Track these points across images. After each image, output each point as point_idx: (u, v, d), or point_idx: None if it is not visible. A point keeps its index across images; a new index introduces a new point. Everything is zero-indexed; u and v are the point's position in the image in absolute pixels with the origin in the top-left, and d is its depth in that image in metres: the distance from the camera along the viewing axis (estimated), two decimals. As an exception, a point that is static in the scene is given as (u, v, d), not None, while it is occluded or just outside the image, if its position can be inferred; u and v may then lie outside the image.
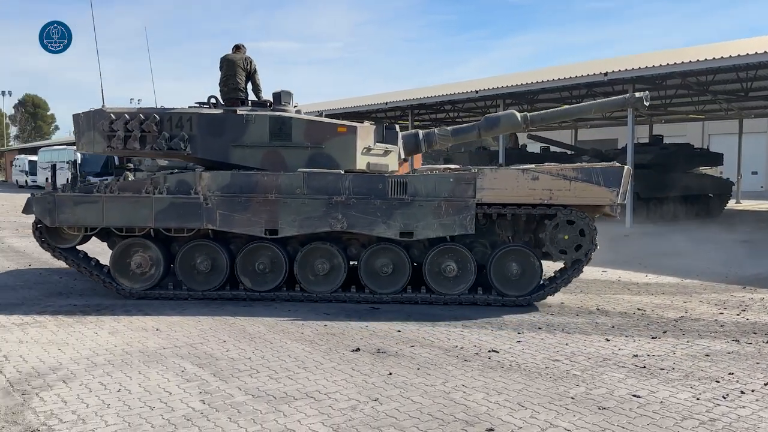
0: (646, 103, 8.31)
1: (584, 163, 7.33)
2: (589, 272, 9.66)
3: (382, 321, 6.56)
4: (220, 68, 8.24)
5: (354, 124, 7.96)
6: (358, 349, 5.48)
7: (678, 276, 9.40)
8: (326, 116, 23.97)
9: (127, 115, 7.56)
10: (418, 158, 33.25)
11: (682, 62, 14.50)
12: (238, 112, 7.64)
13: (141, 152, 7.79)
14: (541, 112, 8.87)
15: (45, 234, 7.57)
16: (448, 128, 8.95)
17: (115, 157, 14.32)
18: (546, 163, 7.44)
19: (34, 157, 40.04)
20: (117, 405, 4.20)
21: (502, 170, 7.22)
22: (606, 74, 15.78)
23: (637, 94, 8.31)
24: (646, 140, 22.27)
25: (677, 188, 18.26)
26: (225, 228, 7.30)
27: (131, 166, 11.24)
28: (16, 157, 44.93)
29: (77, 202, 7.31)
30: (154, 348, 5.52)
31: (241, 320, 6.54)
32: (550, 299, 7.55)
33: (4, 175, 56.03)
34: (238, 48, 8.40)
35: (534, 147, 24.32)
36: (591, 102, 9.43)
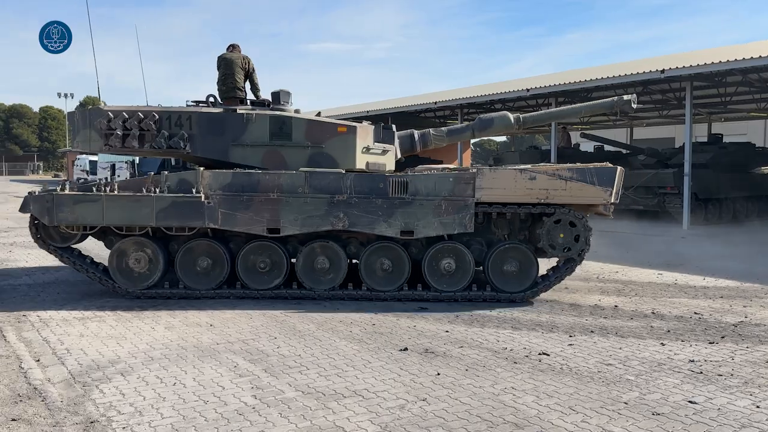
0: (634, 106, 8.54)
1: (579, 164, 7.57)
2: (645, 275, 9.42)
3: (429, 321, 6.55)
4: (218, 67, 8.22)
5: (353, 123, 8.05)
6: (406, 349, 5.49)
7: (737, 279, 9.06)
8: (373, 117, 24.10)
9: (125, 114, 7.53)
10: (467, 157, 33.08)
11: (743, 58, 13.94)
12: (239, 112, 7.65)
13: (139, 151, 7.75)
14: (534, 113, 9.00)
15: (41, 232, 7.50)
16: (443, 128, 9.06)
17: (172, 158, 14.51)
18: (542, 164, 7.74)
19: (94, 157, 41.47)
20: (172, 398, 4.33)
21: (500, 170, 7.38)
22: (663, 71, 15.32)
23: (625, 97, 8.49)
24: (705, 139, 21.52)
25: (738, 189, 17.58)
26: (227, 227, 7.28)
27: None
28: (78, 156, 46.61)
29: (77, 200, 7.19)
30: (208, 343, 5.66)
31: (291, 318, 6.63)
32: (603, 301, 7.39)
33: (66, 174, 58.20)
34: (233, 47, 8.40)
35: (587, 146, 23.82)
36: (581, 104, 9.50)
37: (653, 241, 7.12)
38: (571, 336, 6.03)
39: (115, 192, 7.24)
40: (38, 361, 5.10)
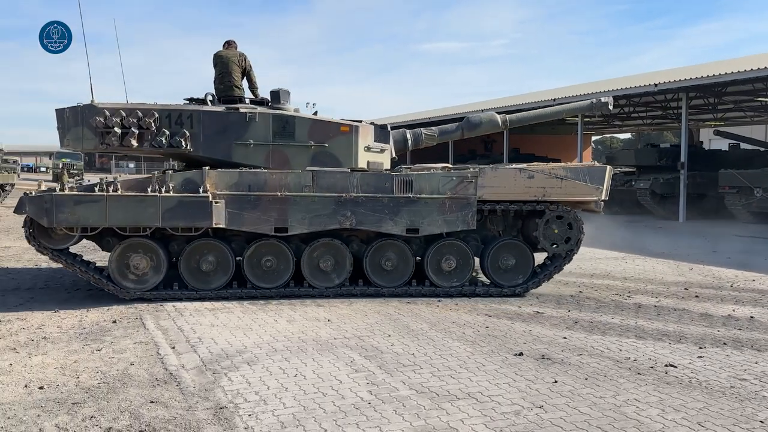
0: (611, 107, 8.98)
1: (570, 163, 8.04)
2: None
3: (546, 327, 6.39)
4: (214, 65, 8.09)
5: (355, 123, 7.98)
6: (521, 354, 5.40)
7: None
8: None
9: (123, 111, 7.27)
10: (587, 154, 31.84)
11: None
12: (241, 110, 7.57)
13: (138, 150, 7.49)
14: (519, 114, 9.37)
15: (36, 234, 7.18)
16: (434, 128, 9.16)
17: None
18: (535, 163, 8.18)
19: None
20: (293, 389, 4.53)
21: (500, 169, 7.77)
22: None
23: (603, 99, 8.94)
24: None
25: None
26: (234, 226, 7.24)
27: None
28: None
29: (78, 201, 6.92)
30: (326, 338, 5.86)
31: (405, 316, 6.72)
32: (737, 311, 6.87)
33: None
34: (229, 44, 8.22)
35: (721, 144, 22.16)
36: (561, 106, 9.76)
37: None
38: (701, 348, 5.66)
39: (119, 192, 7.04)
40: (173, 348, 5.52)
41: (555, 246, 7.86)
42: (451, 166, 8.18)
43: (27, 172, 54.73)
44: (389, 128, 8.60)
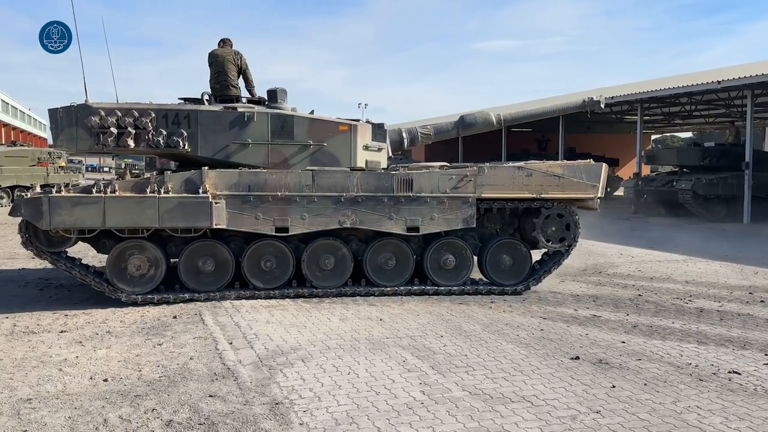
0: (603, 106, 9.14)
1: (567, 161, 8.16)
2: None
3: (603, 330, 6.25)
4: (210, 65, 8.00)
5: (353, 122, 7.90)
6: (577, 358, 5.29)
7: None
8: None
9: (119, 111, 7.18)
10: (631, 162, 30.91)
11: None
12: (239, 110, 7.48)
13: (134, 150, 7.38)
14: (513, 112, 9.41)
15: (33, 236, 7.10)
16: (430, 126, 9.16)
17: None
18: (531, 161, 8.32)
19: None
20: (347, 387, 4.57)
21: (499, 167, 7.87)
22: None
23: (595, 97, 9.02)
24: None
25: None
26: (234, 227, 7.19)
27: None
28: None
29: (75, 203, 6.81)
30: (379, 337, 5.89)
31: (457, 317, 6.68)
32: None
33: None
34: (224, 42, 8.13)
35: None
36: (554, 104, 9.75)
37: None
38: (767, 354, 5.43)
39: (117, 193, 6.95)
40: (231, 343, 5.65)
41: (552, 243, 7.96)
42: (449, 164, 8.18)
43: (91, 172, 56.88)
44: (386, 127, 8.61)
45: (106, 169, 61.94)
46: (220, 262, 7.38)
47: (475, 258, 8.08)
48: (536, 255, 8.37)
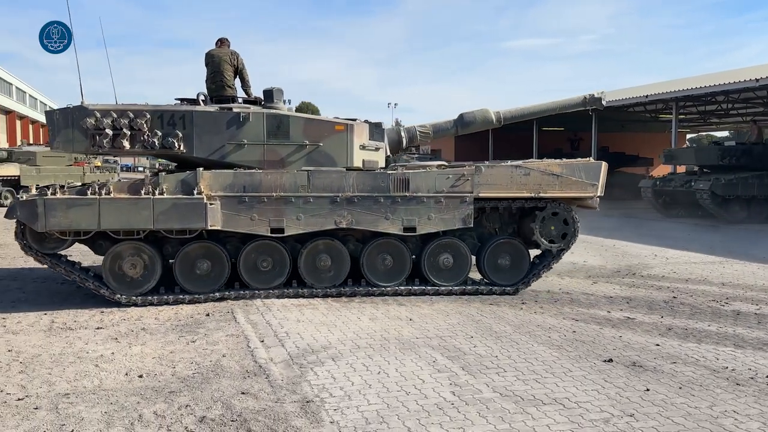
0: (604, 103, 9.01)
1: (566, 160, 8.06)
2: None
3: (637, 333, 6.15)
4: (206, 65, 7.97)
5: (350, 121, 7.82)
6: (610, 360, 5.22)
7: None
8: (575, 112, 23.04)
9: (114, 113, 7.17)
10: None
11: None
12: (234, 110, 7.43)
13: (129, 151, 7.39)
14: (512, 109, 9.18)
15: (29, 239, 7.07)
16: (428, 125, 9.05)
17: None
18: (530, 160, 8.23)
19: None
20: (377, 386, 4.58)
21: (497, 167, 7.76)
22: None
23: (596, 94, 8.92)
24: None
25: None
26: (229, 228, 7.17)
27: None
28: None
29: (70, 205, 6.79)
30: (408, 337, 5.89)
31: (487, 318, 6.65)
32: None
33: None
34: (222, 42, 8.07)
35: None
36: (553, 101, 9.51)
37: None
38: (808, 361, 5.29)
39: (111, 195, 6.92)
40: (262, 341, 5.70)
41: (551, 243, 7.92)
42: (446, 163, 8.14)
43: (126, 171, 57.98)
44: (384, 126, 8.56)
45: (140, 168, 63.11)
46: (216, 263, 7.35)
47: (474, 258, 8.03)
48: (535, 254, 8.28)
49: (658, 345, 5.70)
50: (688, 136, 42.39)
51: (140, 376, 4.80)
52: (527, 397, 4.39)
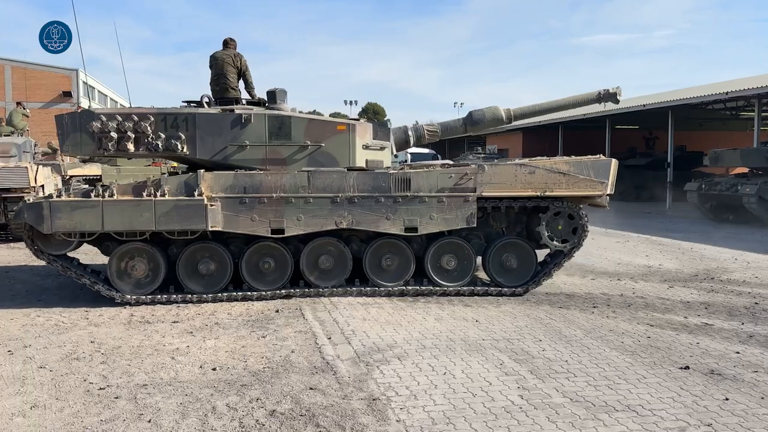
0: (619, 98, 8.65)
1: (574, 157, 7.79)
2: None
3: (716, 340, 5.89)
4: (210, 67, 7.97)
5: (352, 121, 7.77)
6: (687, 367, 5.02)
7: None
8: (650, 111, 22.27)
9: (119, 116, 7.31)
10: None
11: None
12: (236, 112, 7.42)
13: (134, 154, 7.43)
14: (523, 107, 8.98)
15: (37, 241, 7.23)
16: (437, 124, 8.93)
17: None
18: (537, 157, 8.05)
19: None
20: (443, 387, 4.57)
21: (500, 165, 7.65)
22: None
23: (611, 89, 8.59)
24: None
25: None
26: (230, 229, 7.18)
27: None
28: None
29: (75, 207, 6.92)
30: (474, 338, 5.84)
31: (556, 321, 6.51)
32: None
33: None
34: (227, 43, 8.05)
35: None
36: (566, 97, 9.13)
37: None
38: None
39: (114, 197, 7.05)
40: (330, 338, 5.79)
41: (558, 242, 7.77)
42: (451, 162, 7.93)
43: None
44: (390, 125, 8.46)
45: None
46: (220, 264, 7.43)
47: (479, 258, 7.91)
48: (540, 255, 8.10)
49: (738, 353, 5.44)
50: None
51: (214, 369, 4.96)
52: (599, 403, 4.28)
